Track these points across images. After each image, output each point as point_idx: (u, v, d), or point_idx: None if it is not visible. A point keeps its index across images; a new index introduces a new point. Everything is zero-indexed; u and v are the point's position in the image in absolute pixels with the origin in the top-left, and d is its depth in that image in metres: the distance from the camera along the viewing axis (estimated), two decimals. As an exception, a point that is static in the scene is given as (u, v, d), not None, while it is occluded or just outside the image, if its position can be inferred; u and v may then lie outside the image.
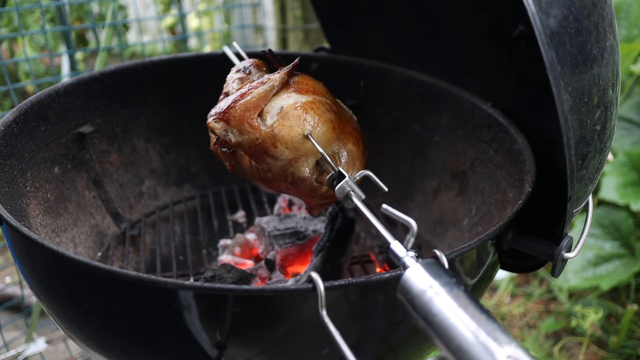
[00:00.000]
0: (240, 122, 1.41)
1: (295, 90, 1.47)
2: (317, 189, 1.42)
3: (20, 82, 3.84)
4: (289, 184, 1.43)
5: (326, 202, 1.51)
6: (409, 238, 1.09)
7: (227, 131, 1.43)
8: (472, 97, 1.84)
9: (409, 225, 1.09)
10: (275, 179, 1.44)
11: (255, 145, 1.40)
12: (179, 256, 2.07)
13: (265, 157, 1.40)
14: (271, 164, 1.40)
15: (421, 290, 0.96)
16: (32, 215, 1.61)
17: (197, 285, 1.13)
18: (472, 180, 1.84)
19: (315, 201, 1.51)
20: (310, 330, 1.19)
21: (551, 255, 1.35)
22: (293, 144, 1.39)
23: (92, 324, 1.31)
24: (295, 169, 1.40)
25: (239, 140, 1.41)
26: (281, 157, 1.39)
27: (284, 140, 1.39)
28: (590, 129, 1.23)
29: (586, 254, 3.19)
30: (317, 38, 3.49)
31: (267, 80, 1.47)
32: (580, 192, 1.32)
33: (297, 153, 1.39)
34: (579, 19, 1.17)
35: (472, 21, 1.78)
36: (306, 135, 1.40)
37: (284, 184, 1.44)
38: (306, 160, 1.40)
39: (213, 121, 1.43)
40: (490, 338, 0.85)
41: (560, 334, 3.23)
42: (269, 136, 1.40)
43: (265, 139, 1.39)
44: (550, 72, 1.11)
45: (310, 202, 1.52)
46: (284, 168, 1.40)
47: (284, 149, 1.39)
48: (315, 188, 1.42)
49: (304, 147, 1.40)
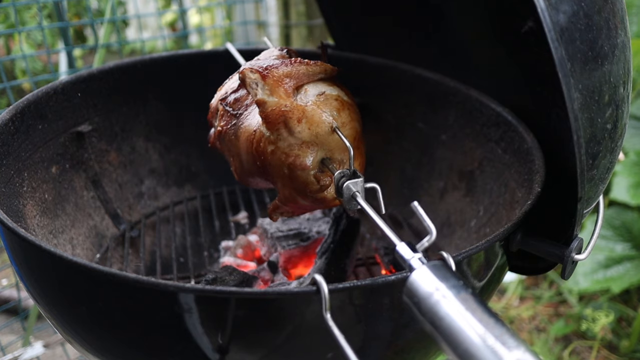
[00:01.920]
0: (276, 84, 1.41)
1: (339, 86, 1.48)
2: (310, 184, 1.41)
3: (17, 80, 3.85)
4: (284, 168, 1.41)
5: (304, 204, 1.48)
6: (424, 242, 1.09)
7: (258, 85, 1.41)
8: (479, 95, 1.84)
9: (429, 231, 1.09)
10: (272, 159, 1.41)
11: (279, 111, 1.38)
12: (179, 258, 2.07)
13: (282, 127, 1.38)
14: (282, 138, 1.39)
15: (428, 293, 0.96)
16: (29, 216, 1.61)
17: (198, 287, 1.13)
18: (480, 180, 1.84)
19: (292, 199, 1.48)
20: (314, 334, 1.19)
21: (561, 257, 1.35)
22: (317, 128, 1.38)
23: (90, 328, 1.31)
24: (301, 153, 1.38)
25: (265, 99, 1.40)
26: (298, 134, 1.38)
27: (312, 120, 1.39)
28: (601, 127, 1.23)
29: (597, 256, 3.19)
30: (321, 34, 3.48)
31: (320, 63, 1.48)
32: (590, 193, 1.32)
33: (314, 139, 1.38)
34: (589, 14, 1.17)
35: (480, 17, 1.78)
36: (334, 127, 1.40)
37: (277, 168, 1.42)
38: (316, 151, 1.39)
39: (249, 70, 1.42)
40: (498, 342, 0.85)
41: (570, 338, 3.23)
42: (298, 109, 1.39)
43: (294, 110, 1.39)
44: (560, 70, 1.11)
45: (287, 199, 1.49)
46: (291, 147, 1.38)
47: (306, 128, 1.38)
48: (308, 183, 1.41)
49: (323, 136, 1.39)
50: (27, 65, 3.10)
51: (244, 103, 1.54)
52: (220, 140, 1.59)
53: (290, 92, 1.41)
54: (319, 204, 1.46)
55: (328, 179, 1.41)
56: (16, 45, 4.14)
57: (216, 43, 4.84)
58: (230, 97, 1.57)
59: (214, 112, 1.62)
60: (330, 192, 1.43)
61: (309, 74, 1.45)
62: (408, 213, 2.10)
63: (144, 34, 5.66)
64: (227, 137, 1.55)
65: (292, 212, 1.53)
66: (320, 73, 1.46)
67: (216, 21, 4.96)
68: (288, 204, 1.48)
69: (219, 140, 1.60)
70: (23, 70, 3.99)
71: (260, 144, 1.42)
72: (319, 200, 1.44)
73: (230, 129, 1.54)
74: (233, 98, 1.56)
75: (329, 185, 1.42)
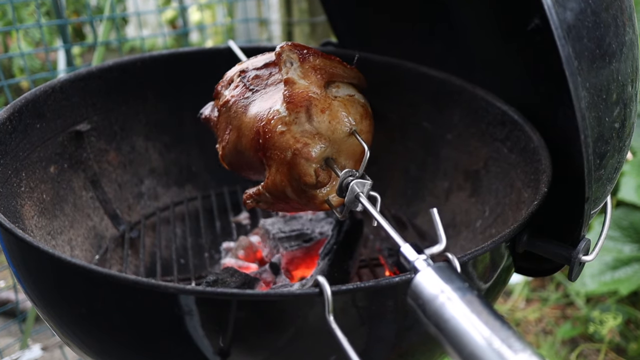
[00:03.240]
0: (311, 69, 1.42)
1: (365, 97, 1.49)
2: (307, 176, 1.39)
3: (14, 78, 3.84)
4: (288, 152, 1.40)
5: (290, 198, 1.45)
6: (432, 249, 1.08)
7: (293, 64, 1.43)
8: (485, 94, 1.84)
9: (440, 240, 1.09)
10: (279, 140, 1.40)
11: (306, 95, 1.39)
12: (180, 259, 2.07)
13: (303, 111, 1.38)
14: (298, 122, 1.38)
15: (433, 296, 0.96)
16: (26, 217, 1.61)
17: (199, 289, 1.14)
18: (486, 180, 1.84)
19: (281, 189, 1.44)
20: (317, 336, 1.19)
21: (568, 258, 1.35)
22: (337, 124, 1.39)
23: (89, 330, 1.32)
24: (311, 143, 1.37)
25: (295, 79, 1.41)
26: (316, 124, 1.38)
27: (335, 115, 1.39)
28: (609, 126, 1.23)
29: (604, 257, 3.19)
30: (324, 32, 3.49)
31: (356, 70, 1.49)
32: (598, 193, 1.32)
33: (329, 134, 1.38)
34: (596, 12, 1.17)
35: (486, 15, 1.78)
36: (353, 130, 1.40)
37: (280, 150, 1.41)
38: (326, 146, 1.38)
39: (289, 47, 1.44)
40: (504, 345, 0.85)
41: (577, 341, 3.23)
42: (326, 100, 1.40)
43: (321, 99, 1.39)
44: (567, 68, 1.11)
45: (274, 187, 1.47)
46: (304, 134, 1.37)
47: (326, 120, 1.38)
48: (307, 175, 1.39)
49: (339, 135, 1.39)
50: (25, 63, 3.10)
51: (264, 82, 1.54)
52: (222, 111, 1.59)
53: (321, 83, 1.42)
54: (305, 202, 1.44)
55: (326, 179, 1.40)
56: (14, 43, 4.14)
57: (217, 41, 4.84)
58: (251, 72, 1.57)
59: (228, 82, 1.62)
60: (323, 193, 1.42)
61: (343, 75, 1.46)
62: (412, 214, 2.10)
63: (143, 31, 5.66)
64: (234, 108, 1.54)
65: (271, 205, 1.51)
66: (353, 78, 1.47)
67: (217, 18, 4.95)
68: (272, 194, 1.46)
69: (219, 111, 1.60)
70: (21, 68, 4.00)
71: (271, 121, 1.41)
72: (308, 197, 1.42)
73: (241, 101, 1.54)
74: (254, 74, 1.56)
75: (324, 185, 1.41)
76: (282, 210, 1.57)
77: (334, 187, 1.41)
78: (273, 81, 1.53)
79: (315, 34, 3.51)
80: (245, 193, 1.54)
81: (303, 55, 1.43)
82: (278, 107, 1.42)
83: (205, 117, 1.69)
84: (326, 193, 1.42)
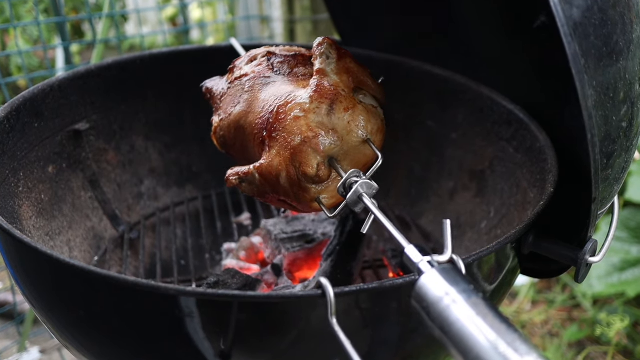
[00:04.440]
0: (344, 70, 1.44)
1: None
2: (308, 166, 1.37)
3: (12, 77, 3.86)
4: (296, 138, 1.39)
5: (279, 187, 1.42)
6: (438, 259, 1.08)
7: (329, 57, 1.45)
8: (490, 93, 1.83)
9: (445, 251, 1.08)
10: (291, 124, 1.39)
11: (335, 90, 1.40)
12: (180, 261, 2.07)
13: (326, 104, 1.38)
14: (318, 112, 1.38)
15: (437, 298, 0.96)
16: (24, 218, 1.62)
17: (200, 291, 1.14)
18: (491, 181, 1.84)
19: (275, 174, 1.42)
20: (320, 339, 1.19)
21: (574, 259, 1.34)
22: (354, 127, 1.39)
23: (88, 333, 1.32)
24: (323, 136, 1.38)
25: (328, 72, 1.43)
26: (335, 119, 1.38)
27: (355, 117, 1.39)
28: (616, 125, 1.23)
29: (611, 258, 3.18)
30: (327, 29, 3.49)
31: (382, 88, 1.51)
32: (605, 193, 1.32)
33: (343, 134, 1.38)
34: (604, 9, 1.16)
35: (491, 12, 1.78)
36: (367, 139, 1.41)
37: (288, 134, 1.39)
38: (336, 144, 1.38)
39: (330, 43, 1.47)
40: (510, 349, 0.85)
41: (584, 343, 3.23)
42: (352, 101, 1.41)
43: (347, 98, 1.40)
44: (574, 66, 1.11)
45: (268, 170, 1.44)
46: (318, 126, 1.37)
47: (346, 120, 1.38)
48: (308, 165, 1.36)
49: (352, 138, 1.39)
50: (23, 61, 3.10)
51: (290, 69, 1.55)
52: (235, 84, 1.59)
53: (351, 85, 1.43)
54: (294, 194, 1.42)
55: (325, 177, 1.40)
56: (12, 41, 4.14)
57: (218, 38, 4.84)
58: (279, 57, 1.58)
59: (250, 59, 1.62)
60: (316, 189, 1.40)
61: (371, 86, 1.47)
62: (416, 214, 2.10)
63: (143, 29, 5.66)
64: (250, 83, 1.54)
65: (254, 189, 1.48)
66: (378, 93, 1.48)
67: (218, 16, 4.96)
68: (263, 177, 1.43)
69: (231, 83, 1.61)
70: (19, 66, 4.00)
71: (289, 104, 1.40)
72: (300, 190, 1.40)
73: (261, 78, 1.54)
74: (283, 57, 1.57)
75: (321, 182, 1.40)
76: (262, 199, 1.52)
77: (328, 187, 1.40)
78: (300, 72, 1.54)
79: (318, 31, 3.51)
80: (231, 169, 1.51)
81: (341, 54, 1.45)
82: (301, 93, 1.42)
83: (207, 88, 1.69)
84: (319, 191, 1.40)
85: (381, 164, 1.38)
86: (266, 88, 1.51)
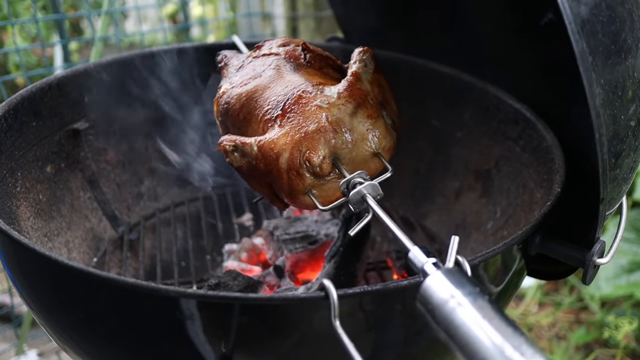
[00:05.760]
0: (377, 83, 1.49)
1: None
2: (314, 154, 1.37)
3: (10, 75, 3.85)
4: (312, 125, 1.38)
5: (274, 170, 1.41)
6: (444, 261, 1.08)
7: (368, 67, 1.49)
8: (497, 91, 1.83)
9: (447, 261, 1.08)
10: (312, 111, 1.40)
11: (365, 97, 1.43)
12: (180, 262, 2.07)
13: (352, 105, 1.41)
14: (341, 110, 1.40)
15: (443, 300, 0.96)
16: (22, 218, 1.62)
17: (201, 293, 1.14)
18: (497, 180, 1.84)
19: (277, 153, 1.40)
20: (322, 341, 1.19)
21: (582, 261, 1.34)
22: (371, 136, 1.41)
23: (87, 335, 1.32)
24: (340, 132, 1.36)
25: (363, 78, 1.46)
26: (355, 122, 1.40)
27: (374, 127, 1.41)
28: (624, 124, 1.23)
29: (620, 259, 3.18)
30: (330, 27, 3.48)
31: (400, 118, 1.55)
32: (613, 193, 1.31)
33: (358, 138, 1.40)
34: (611, 6, 1.16)
35: (497, 9, 1.78)
36: (378, 152, 1.42)
37: (306, 119, 1.39)
38: (347, 146, 1.38)
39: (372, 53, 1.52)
40: (517, 352, 0.85)
41: (591, 346, 3.23)
42: (377, 112, 1.43)
43: (374, 108, 1.43)
44: (581, 64, 1.11)
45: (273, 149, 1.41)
46: (338, 122, 1.38)
47: (365, 126, 1.41)
48: (315, 152, 1.37)
49: (365, 146, 1.41)
50: (20, 59, 3.11)
51: (319, 64, 1.59)
52: (261, 58, 1.62)
53: (378, 98, 1.47)
54: (287, 180, 1.40)
55: (325, 172, 1.39)
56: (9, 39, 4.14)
57: (219, 36, 4.84)
58: (313, 50, 1.61)
59: (283, 44, 1.65)
60: (312, 180, 1.39)
61: (393, 109, 1.52)
62: (421, 215, 2.10)
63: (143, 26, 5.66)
64: (278, 63, 1.57)
65: (246, 164, 1.44)
66: (396, 119, 1.51)
67: (219, 13, 4.96)
68: (262, 152, 1.40)
69: (256, 57, 1.64)
70: (16, 64, 3.99)
71: (314, 92, 1.43)
72: (296, 176, 1.37)
73: (291, 62, 1.57)
74: (316, 53, 1.60)
75: (320, 176, 1.39)
76: (245, 177, 1.50)
77: (322, 185, 1.40)
78: (329, 73, 1.58)
79: (321, 29, 3.51)
80: (228, 135, 1.49)
81: (378, 67, 1.50)
82: (330, 87, 1.45)
83: (225, 56, 1.70)
84: (313, 184, 1.39)
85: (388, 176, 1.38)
86: (293, 72, 1.53)
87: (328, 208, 1.39)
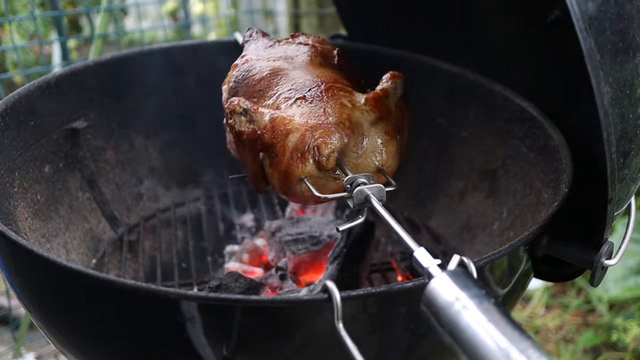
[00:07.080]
0: (399, 107, 1.52)
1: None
2: (326, 142, 1.37)
3: (7, 73, 3.86)
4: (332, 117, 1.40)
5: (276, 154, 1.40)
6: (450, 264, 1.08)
7: (397, 91, 1.53)
8: (503, 89, 1.83)
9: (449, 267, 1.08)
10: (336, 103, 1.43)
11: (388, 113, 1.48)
12: (181, 263, 2.07)
13: (374, 115, 1.44)
14: (363, 115, 1.44)
15: (448, 303, 0.96)
16: (20, 219, 1.62)
17: (202, 295, 1.14)
18: (503, 180, 1.84)
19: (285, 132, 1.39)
20: (325, 344, 1.19)
21: (590, 262, 1.34)
22: (381, 151, 1.44)
23: (86, 338, 1.32)
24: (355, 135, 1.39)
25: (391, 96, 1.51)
26: (372, 132, 1.43)
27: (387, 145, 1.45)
28: (633, 123, 1.22)
29: (628, 261, 3.18)
30: (333, 24, 3.48)
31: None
32: (621, 194, 1.31)
33: (368, 147, 1.42)
34: (620, 3, 1.16)
35: (503, 6, 1.78)
36: (382, 169, 1.44)
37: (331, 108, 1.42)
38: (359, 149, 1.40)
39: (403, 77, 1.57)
40: (523, 356, 0.85)
41: (599, 349, 3.22)
42: (393, 131, 1.46)
43: (391, 127, 1.46)
44: (589, 62, 1.11)
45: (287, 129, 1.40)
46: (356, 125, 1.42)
47: (381, 140, 1.44)
48: (328, 140, 1.37)
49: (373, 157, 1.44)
50: (18, 57, 3.11)
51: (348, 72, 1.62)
52: (289, 42, 1.67)
53: (398, 122, 1.51)
54: (287, 161, 1.39)
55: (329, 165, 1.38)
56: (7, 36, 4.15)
57: (220, 33, 4.84)
58: (346, 58, 1.66)
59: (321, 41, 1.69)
60: (312, 169, 1.38)
61: (404, 138, 1.56)
62: (426, 215, 2.10)
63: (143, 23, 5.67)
64: (312, 53, 1.61)
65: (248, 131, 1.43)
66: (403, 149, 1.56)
67: (220, 10, 4.96)
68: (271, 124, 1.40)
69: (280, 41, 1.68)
70: (14, 62, 4.00)
71: (341, 91, 1.48)
72: (300, 159, 1.37)
73: (324, 57, 1.62)
74: (348, 64, 1.66)
75: (323, 167, 1.39)
76: (240, 145, 1.49)
77: (319, 179, 1.40)
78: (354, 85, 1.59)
79: (324, 26, 3.50)
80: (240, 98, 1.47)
81: (406, 94, 1.55)
82: (357, 93, 1.49)
83: (257, 32, 1.72)
84: (312, 172, 1.39)
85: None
86: (324, 67, 1.58)
87: (325, 197, 1.38)
